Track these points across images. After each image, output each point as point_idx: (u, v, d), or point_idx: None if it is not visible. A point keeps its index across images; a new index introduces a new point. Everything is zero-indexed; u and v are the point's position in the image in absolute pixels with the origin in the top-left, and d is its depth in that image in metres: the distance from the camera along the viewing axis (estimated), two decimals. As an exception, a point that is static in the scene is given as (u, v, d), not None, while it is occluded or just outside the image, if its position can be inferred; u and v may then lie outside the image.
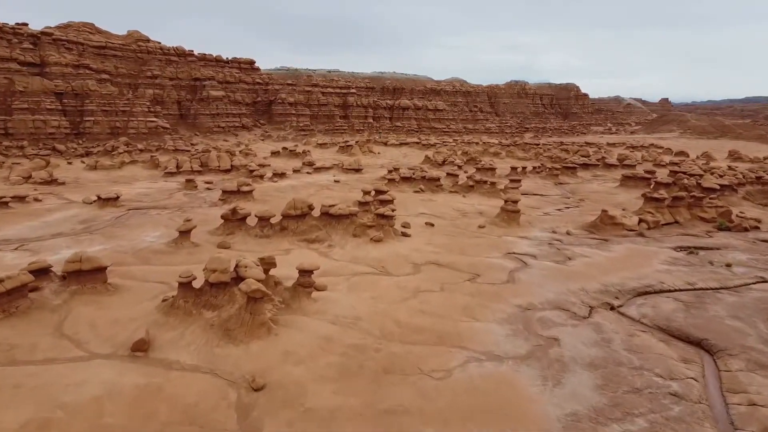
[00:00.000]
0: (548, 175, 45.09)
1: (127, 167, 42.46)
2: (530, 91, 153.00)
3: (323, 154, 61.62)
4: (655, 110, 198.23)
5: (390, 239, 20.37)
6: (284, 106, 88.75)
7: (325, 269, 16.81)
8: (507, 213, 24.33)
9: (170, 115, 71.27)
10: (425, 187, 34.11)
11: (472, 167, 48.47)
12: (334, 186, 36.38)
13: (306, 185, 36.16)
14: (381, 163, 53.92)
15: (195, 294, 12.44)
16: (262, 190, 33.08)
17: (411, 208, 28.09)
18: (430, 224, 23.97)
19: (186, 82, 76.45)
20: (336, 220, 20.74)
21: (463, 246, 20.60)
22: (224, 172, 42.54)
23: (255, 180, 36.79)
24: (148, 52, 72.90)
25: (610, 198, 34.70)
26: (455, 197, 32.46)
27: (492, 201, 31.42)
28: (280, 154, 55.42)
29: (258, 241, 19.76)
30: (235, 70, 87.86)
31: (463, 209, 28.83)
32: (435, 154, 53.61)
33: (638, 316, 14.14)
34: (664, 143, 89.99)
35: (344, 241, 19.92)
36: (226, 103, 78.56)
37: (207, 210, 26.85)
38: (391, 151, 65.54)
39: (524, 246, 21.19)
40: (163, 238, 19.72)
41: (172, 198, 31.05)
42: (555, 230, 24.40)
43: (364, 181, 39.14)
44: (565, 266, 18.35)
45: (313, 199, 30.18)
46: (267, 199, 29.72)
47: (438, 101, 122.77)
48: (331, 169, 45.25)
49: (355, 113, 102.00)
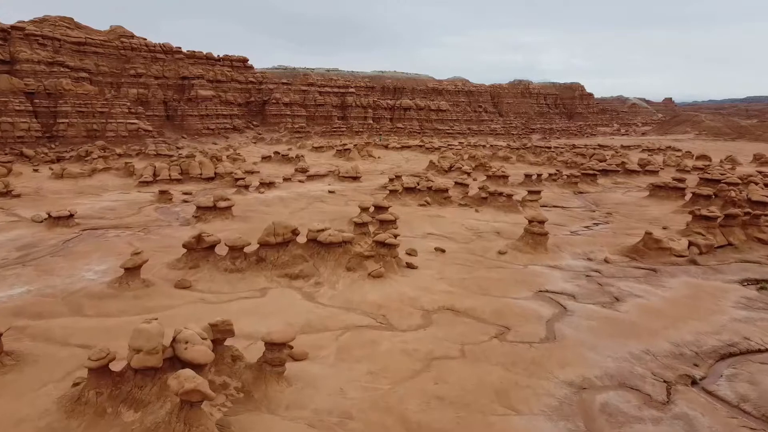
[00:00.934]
0: (566, 184, 41.51)
1: (99, 175, 38.81)
2: (534, 91, 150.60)
3: (319, 158, 57.99)
4: (660, 110, 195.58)
5: (392, 273, 16.68)
6: (278, 107, 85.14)
7: (308, 320, 13.14)
8: (532, 235, 20.65)
9: (155, 116, 67.68)
10: (432, 200, 30.44)
11: (481, 174, 44.85)
12: (329, 198, 32.71)
13: (296, 197, 32.49)
14: (381, 168, 50.29)
15: (113, 381, 8.77)
16: (245, 203, 29.40)
17: (416, 227, 24.42)
18: (440, 250, 20.28)
19: (173, 81, 72.85)
20: (326, 249, 17.07)
21: (482, 281, 16.91)
22: (207, 181, 38.90)
23: (239, 191, 33.13)
24: (132, 49, 69.28)
25: (641, 212, 31.04)
26: (467, 212, 28.77)
27: (509, 217, 27.75)
28: (272, 159, 51.78)
29: (227, 278, 16.08)
30: (226, 69, 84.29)
31: (477, 227, 25.14)
32: (440, 160, 49.96)
33: (735, 399, 10.43)
34: (681, 145, 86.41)
35: (335, 277, 16.23)
36: (216, 104, 74.97)
37: (176, 231, 23.17)
38: (392, 156, 61.88)
39: (558, 280, 17.50)
40: (108, 274, 16.04)
41: (140, 213, 27.38)
42: (590, 256, 20.73)
43: (362, 192, 35.50)
44: (616, 312, 14.65)
45: (304, 215, 26.53)
46: (249, 216, 26.04)
47: (441, 101, 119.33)
48: (326, 177, 41.59)
49: (354, 114, 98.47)
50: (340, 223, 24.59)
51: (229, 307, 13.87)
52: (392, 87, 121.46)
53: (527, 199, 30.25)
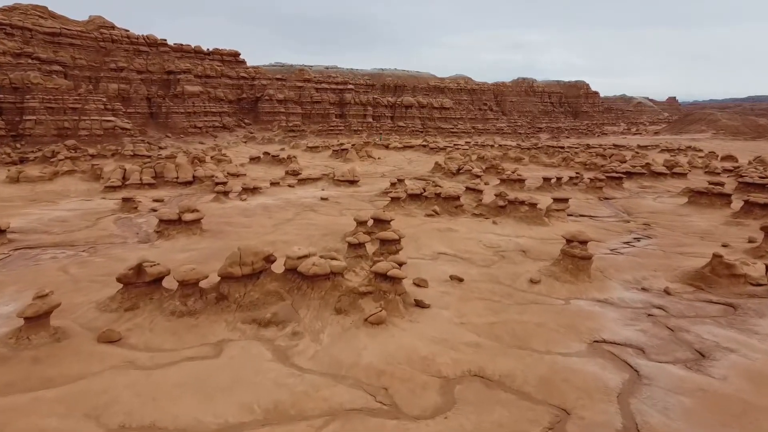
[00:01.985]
0: (589, 188, 37.58)
1: (62, 179, 34.83)
2: (538, 89, 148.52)
3: (313, 159, 54.04)
4: (664, 109, 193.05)
5: (397, 317, 12.72)
6: (272, 104, 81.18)
7: (276, 402, 9.19)
8: (572, 259, 16.67)
9: (138, 113, 63.71)
10: (441, 209, 26.48)
11: (494, 177, 40.95)
12: (321, 206, 28.72)
13: (284, 205, 28.51)
14: (382, 171, 46.36)
15: None
16: (221, 214, 25.43)
17: (425, 245, 20.45)
18: (456, 278, 16.30)
19: (157, 75, 68.88)
20: (309, 283, 13.11)
21: (517, 326, 12.94)
22: (184, 185, 34.94)
23: (217, 198, 29.16)
24: (112, 41, 65.30)
25: (684, 223, 27.06)
26: (483, 224, 24.78)
27: (534, 230, 23.78)
28: (261, 160, 47.80)
29: (174, 325, 12.10)
30: (216, 63, 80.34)
31: (498, 245, 21.16)
32: (447, 161, 46.02)
33: None
34: (700, 145, 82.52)
35: (320, 323, 12.26)
36: (205, 100, 71.02)
37: (130, 250, 19.20)
38: (393, 156, 57.88)
39: (614, 323, 13.53)
40: (14, 320, 12.03)
41: (95, 227, 23.40)
42: (644, 285, 16.77)
43: (360, 198, 31.56)
44: (710, 379, 10.67)
45: (289, 228, 22.57)
46: (223, 231, 22.07)
47: (444, 98, 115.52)
48: (320, 181, 37.62)
49: (353, 112, 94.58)
50: (332, 239, 20.66)
51: (166, 376, 9.90)
52: (393, 85, 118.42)
53: (553, 209, 26.27)
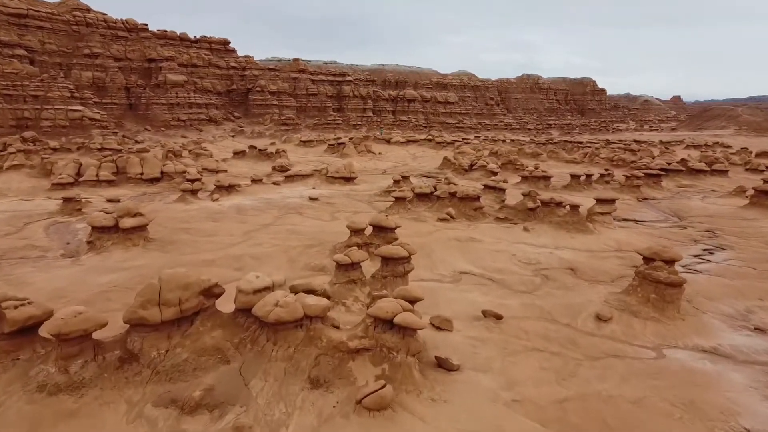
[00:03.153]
0: (625, 187, 32.96)
1: (5, 175, 30.13)
2: (544, 86, 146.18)
3: (306, 154, 49.30)
4: (671, 108, 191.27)
5: (410, 393, 7.98)
6: (264, 96, 76.43)
7: None
8: (655, 287, 11.95)
9: (114, 104, 59.02)
10: (457, 212, 21.74)
11: (512, 174, 36.26)
12: (309, 208, 23.93)
13: (263, 207, 23.75)
14: (383, 167, 41.64)
15: None
16: (182, 218, 20.69)
17: (441, 261, 15.71)
18: (493, 316, 11.54)
19: (138, 63, 64.17)
20: (270, 334, 8.42)
21: (604, 408, 8.18)
22: (150, 183, 30.24)
23: (182, 198, 24.41)
24: (87, 25, 60.52)
25: (757, 229, 22.30)
26: (511, 232, 20.02)
27: (577, 240, 19.04)
28: (246, 155, 43.06)
29: (36, 411, 7.35)
30: (204, 51, 75.60)
31: (537, 260, 16.41)
32: (457, 156, 41.27)
33: None
34: (726, 141, 77.81)
35: (283, 408, 7.53)
36: (190, 91, 66.29)
37: (43, 269, 14.47)
38: (395, 151, 53.11)
39: (748, 395, 8.79)
40: None
41: (18, 234, 18.68)
42: (757, 323, 12.07)
43: (356, 198, 26.82)
44: None
45: (264, 237, 17.85)
46: (177, 240, 17.32)
47: (449, 93, 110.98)
48: (311, 178, 32.87)
49: (352, 105, 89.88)
50: (318, 253, 15.94)
51: None
52: (394, 80, 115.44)
53: (596, 212, 21.50)
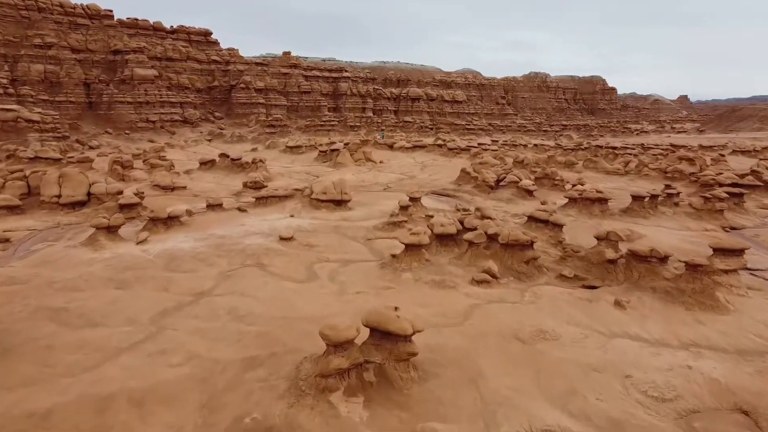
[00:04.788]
0: (703, 211, 25.63)
1: None
2: (552, 85, 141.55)
3: (293, 163, 41.96)
4: (681, 108, 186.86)
5: None
6: (249, 93, 69.15)
7: None
8: None
9: (70, 103, 51.78)
10: (500, 265, 14.38)
11: (549, 190, 29.03)
12: (277, 255, 16.43)
13: (208, 255, 16.28)
14: (386, 180, 34.27)
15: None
16: (72, 280, 13.32)
17: (498, 398, 8.26)
18: None
19: (100, 55, 56.92)
20: None
21: None
22: (71, 208, 22.89)
23: (94, 240, 17.02)
24: (38, 10, 53.27)
25: None
26: (596, 310, 12.55)
27: (712, 326, 11.63)
28: (215, 165, 35.70)
29: None
30: (181, 43, 68.34)
31: (670, 387, 8.96)
32: (478, 167, 33.90)
33: None
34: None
35: None
36: (162, 88, 59.02)
37: None
38: (399, 159, 45.68)
39: None
40: None
41: None
42: None
43: (349, 234, 19.40)
44: None
45: (175, 340, 10.32)
46: (14, 351, 9.89)
47: (456, 91, 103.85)
48: (291, 199, 25.45)
49: (350, 104, 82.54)
50: (263, 386, 8.55)
51: None
52: (395, 79, 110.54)
53: (719, 270, 14.07)
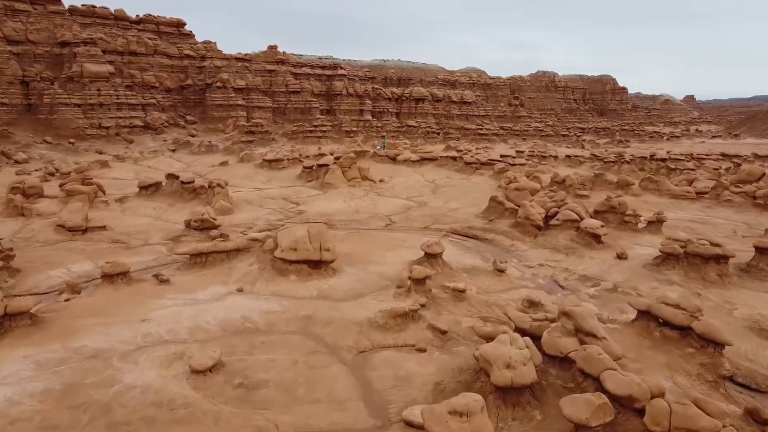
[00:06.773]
0: None
1: None
2: (560, 84, 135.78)
3: (269, 182, 33.62)
4: (691, 108, 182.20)
5: None
6: (226, 93, 60.91)
7: None
8: None
9: (2, 105, 43.58)
10: None
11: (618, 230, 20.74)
12: (170, 430, 8.13)
13: (50, 413, 7.96)
14: (388, 211, 25.96)
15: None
16: None
17: None
18: None
19: (44, 48, 48.75)
20: None
21: None
22: None
23: None
24: (-36, -7, 45.13)
25: None
26: None
27: None
28: (160, 190, 27.34)
29: None
30: (148, 35, 60.14)
31: None
32: (513, 193, 25.64)
33: None
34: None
35: None
36: (119, 87, 50.81)
37: None
38: (405, 176, 37.20)
39: None
40: None
41: None
42: None
43: (328, 346, 10.80)
44: None
45: None
46: None
47: (464, 90, 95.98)
48: (245, 257, 17.08)
49: (345, 105, 74.31)
50: None
51: None
52: (396, 78, 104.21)
53: None
